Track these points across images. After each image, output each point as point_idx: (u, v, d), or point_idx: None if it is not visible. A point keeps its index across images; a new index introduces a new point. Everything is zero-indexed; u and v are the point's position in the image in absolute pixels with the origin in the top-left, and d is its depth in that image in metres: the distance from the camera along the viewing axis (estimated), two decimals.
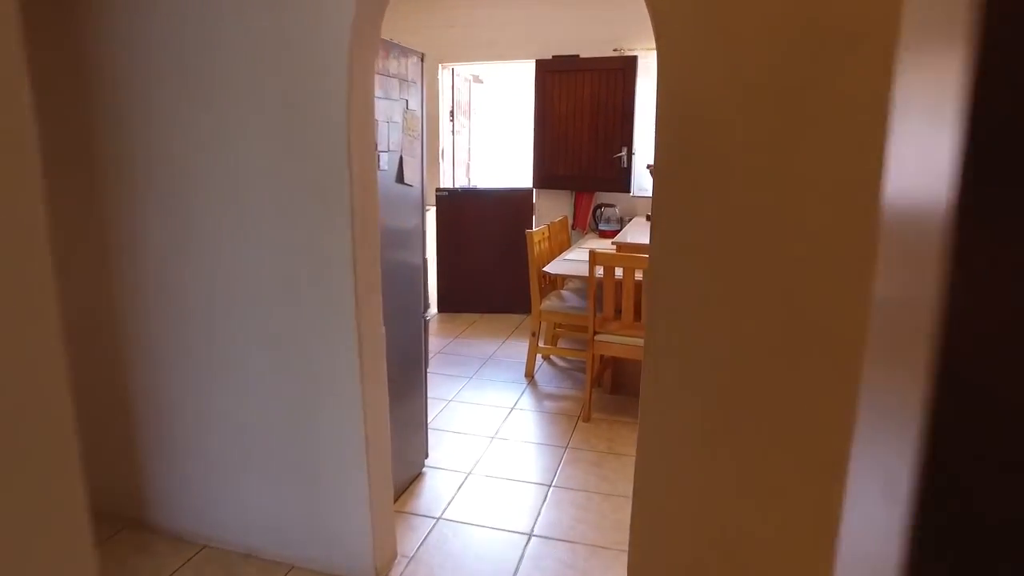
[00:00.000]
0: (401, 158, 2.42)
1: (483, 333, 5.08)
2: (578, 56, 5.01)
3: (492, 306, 5.61)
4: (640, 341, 3.27)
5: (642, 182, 5.19)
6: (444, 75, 5.63)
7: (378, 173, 2.29)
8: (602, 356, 3.65)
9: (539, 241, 4.06)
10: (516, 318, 5.46)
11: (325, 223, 1.84)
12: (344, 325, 1.89)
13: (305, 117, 1.80)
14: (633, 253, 3.27)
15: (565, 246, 4.80)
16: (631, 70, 4.80)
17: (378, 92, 2.22)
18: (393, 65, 2.31)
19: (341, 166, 1.79)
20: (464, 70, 6.02)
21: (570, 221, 5.31)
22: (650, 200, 4.97)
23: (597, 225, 5.08)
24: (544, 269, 3.61)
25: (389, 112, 2.30)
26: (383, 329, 2.07)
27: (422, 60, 2.57)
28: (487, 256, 5.52)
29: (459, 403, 3.72)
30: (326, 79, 1.76)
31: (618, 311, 3.31)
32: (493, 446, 3.22)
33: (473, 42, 5.38)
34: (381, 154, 2.28)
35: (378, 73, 2.19)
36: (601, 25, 4.98)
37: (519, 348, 4.65)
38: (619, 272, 3.23)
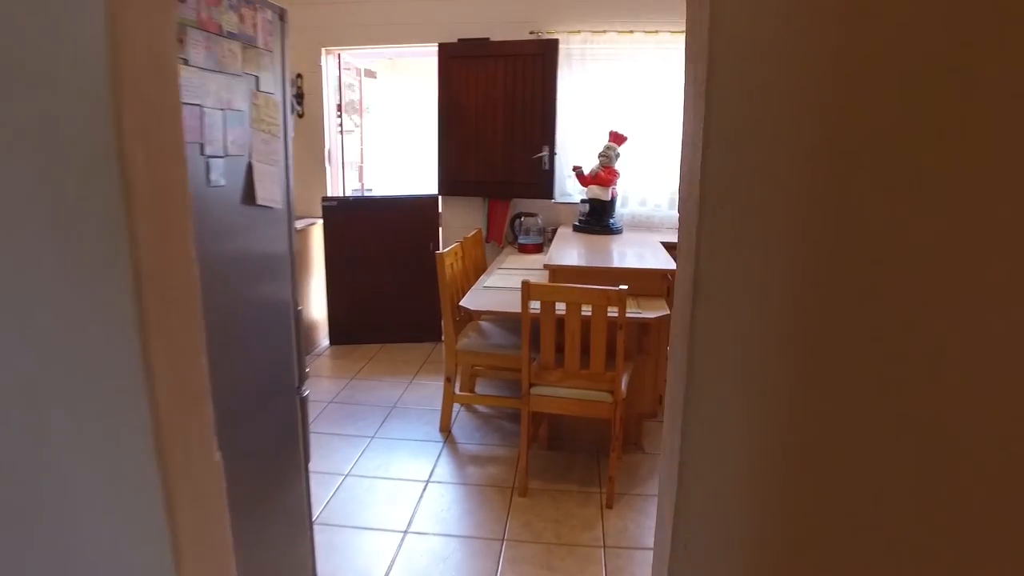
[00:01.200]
0: (250, 165, 1.58)
1: (386, 370, 4.24)
2: (488, 40, 4.26)
3: (395, 334, 4.76)
4: (591, 394, 2.58)
5: (566, 186, 4.53)
6: (329, 63, 4.72)
7: (208, 191, 1.44)
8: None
9: (451, 263, 3.28)
10: (424, 348, 4.64)
11: (82, 301, 0.98)
12: (134, 478, 1.03)
13: (25, 94, 0.93)
14: (576, 285, 2.56)
15: (481, 265, 4.04)
16: (551, 56, 4.11)
17: (200, 59, 1.37)
18: (230, 19, 1.46)
19: (106, 186, 0.94)
20: (354, 59, 5.12)
21: (484, 233, 4.56)
22: (576, 207, 4.29)
23: (516, 238, 4.37)
24: (461, 303, 2.84)
25: (224, 94, 1.45)
26: (218, 456, 1.23)
27: (282, 19, 1.73)
28: (387, 275, 4.67)
29: (358, 478, 2.87)
30: (62, 18, 0.90)
31: (559, 354, 2.60)
32: (406, 547, 2.41)
33: (363, 22, 4.50)
34: (212, 161, 1.43)
35: (195, 25, 1.34)
36: (515, 4, 4.27)
37: (431, 389, 3.85)
38: (560, 306, 2.52)
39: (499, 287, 3.14)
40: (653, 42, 4.17)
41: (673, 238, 3.91)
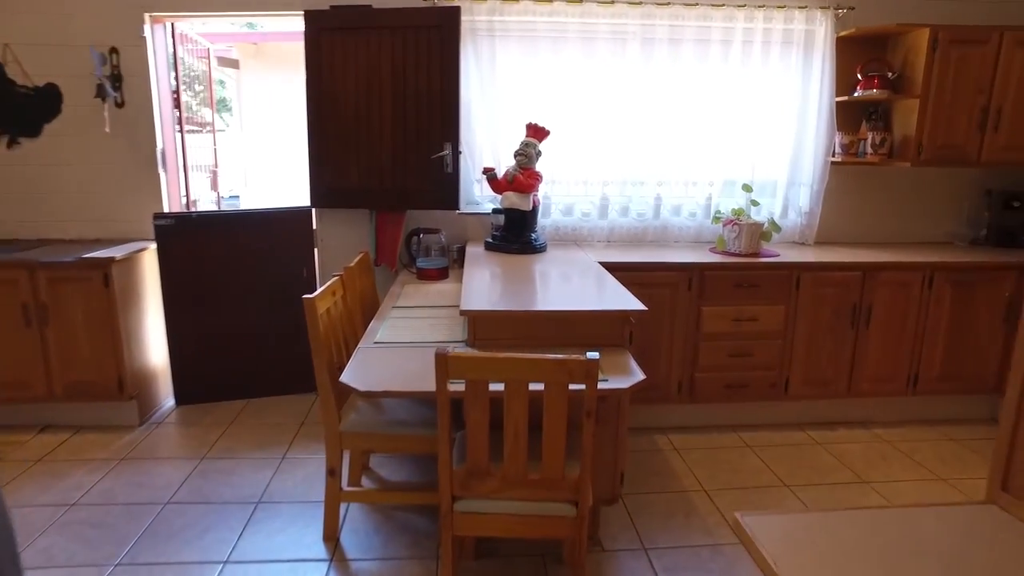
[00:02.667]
0: None
1: (249, 441, 3.21)
2: (370, 7, 3.33)
3: (264, 386, 3.73)
4: (545, 507, 1.76)
5: (474, 193, 3.68)
6: (157, 36, 3.59)
7: None
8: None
9: (326, 310, 2.35)
10: (302, 402, 3.65)
11: None
12: None
13: None
14: (519, 356, 1.73)
15: (371, 301, 3.11)
16: (451, 29, 3.25)
17: None
18: None
19: None
20: (201, 36, 4.00)
21: (372, 256, 3.63)
22: (488, 219, 3.45)
23: (414, 260, 3.47)
24: (342, 379, 1.92)
25: None
26: None
27: None
28: (248, 311, 3.63)
29: None
30: None
31: (496, 452, 1.76)
32: None
33: None
34: None
35: None
36: None
37: (312, 467, 2.89)
38: (497, 381, 1.68)
39: (397, 343, 2.25)
40: (577, 14, 3.41)
41: (609, 256, 3.15)
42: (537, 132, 3.32)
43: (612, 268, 3.09)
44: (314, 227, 3.70)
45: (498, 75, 3.47)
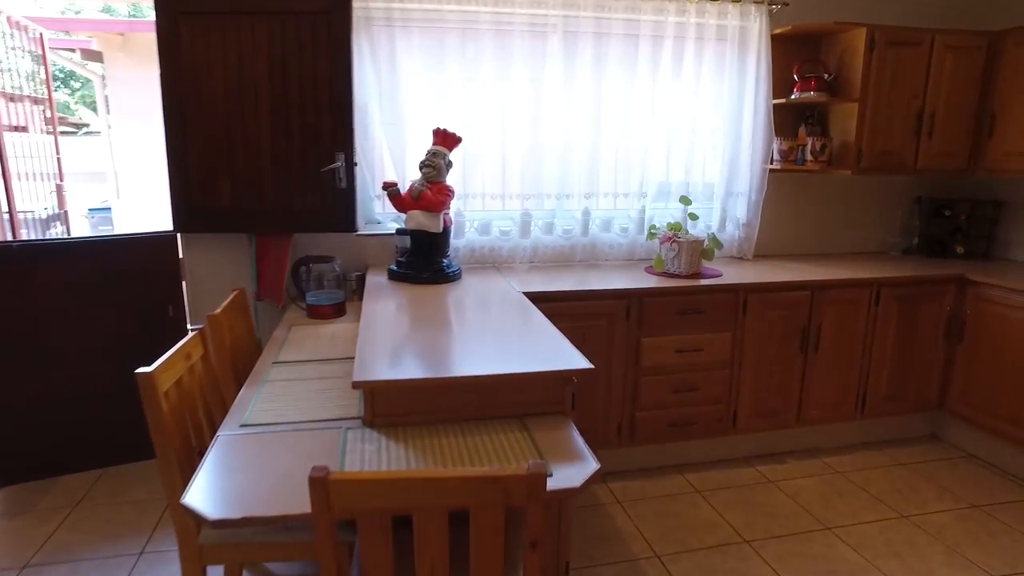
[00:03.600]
0: None
1: (97, 530, 2.54)
2: None
3: (120, 451, 3.05)
4: None
5: (374, 210, 3.14)
6: None
7: None
8: None
9: (176, 382, 1.76)
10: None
11: None
12: None
13: None
14: (432, 475, 1.24)
15: (246, 352, 2.52)
16: (341, 16, 2.69)
17: None
18: None
19: None
20: (36, 22, 3.24)
21: (252, 290, 3.02)
22: (391, 241, 2.88)
23: (303, 294, 2.89)
24: (184, 501, 1.35)
25: None
26: None
27: None
28: (94, 362, 2.94)
29: None
30: None
31: None
32: None
33: None
34: None
35: None
36: None
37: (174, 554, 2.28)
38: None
39: (272, 426, 1.69)
40: (490, 3, 2.93)
41: (535, 282, 2.71)
42: (446, 139, 2.82)
43: (540, 299, 2.64)
44: (179, 255, 3.05)
45: (400, 73, 2.95)
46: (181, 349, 1.81)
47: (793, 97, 3.32)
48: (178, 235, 3.00)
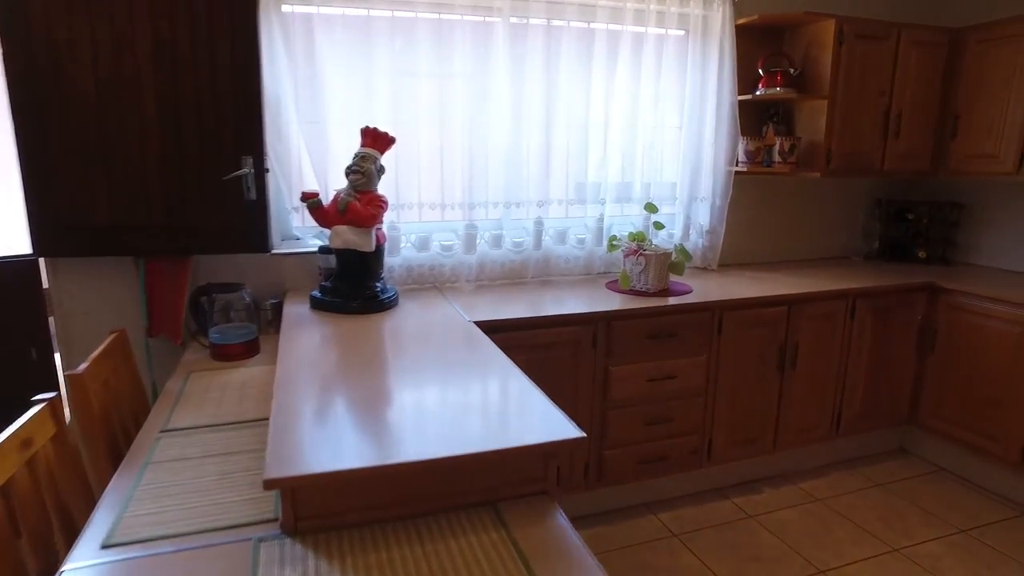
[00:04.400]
0: None
1: None
2: None
3: None
4: None
5: (292, 224, 2.65)
6: None
7: None
8: None
9: (9, 479, 1.26)
10: None
11: None
12: None
13: None
14: None
15: (131, 415, 1.98)
16: None
17: None
18: None
19: None
20: None
21: (143, 325, 2.47)
22: (314, 261, 2.44)
23: (205, 330, 2.36)
24: None
25: None
26: None
27: None
28: None
29: None
30: None
31: None
32: None
33: None
34: None
35: None
36: None
37: None
38: None
39: (148, 544, 1.21)
40: None
41: (485, 306, 2.27)
42: (377, 140, 2.38)
43: (493, 328, 2.24)
44: (44, 285, 2.46)
45: (320, 62, 2.47)
46: (14, 436, 1.30)
47: (758, 93, 3.06)
48: (40, 260, 2.41)
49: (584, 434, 1.32)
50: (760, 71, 3.05)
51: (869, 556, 2.49)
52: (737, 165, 3.12)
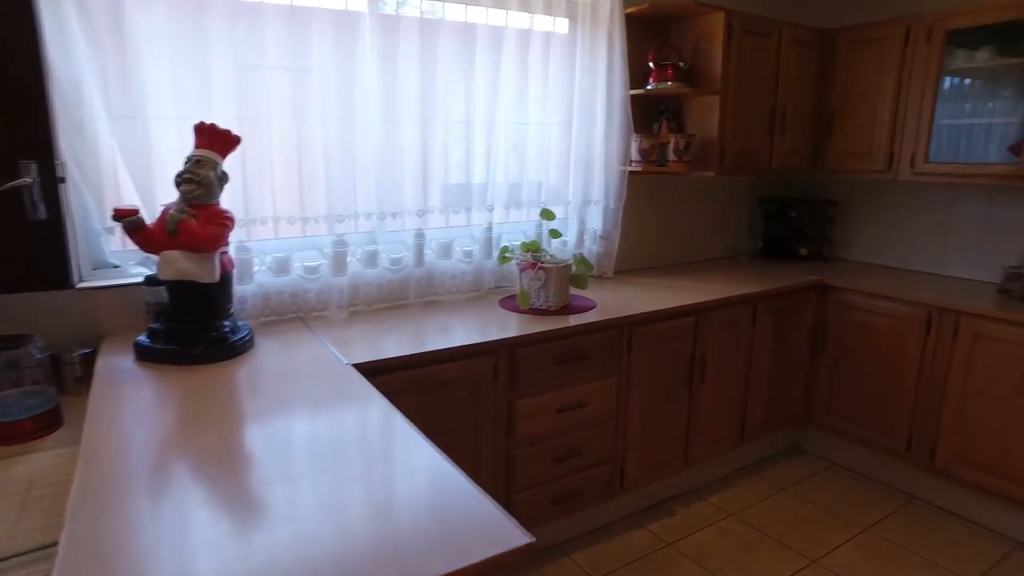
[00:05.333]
0: None
1: None
2: None
3: None
4: None
5: (104, 248, 2.07)
6: None
7: None
8: None
9: None
10: None
11: None
12: None
13: None
14: None
15: None
16: None
17: None
18: None
19: None
20: None
21: None
22: (139, 295, 1.93)
23: None
24: None
25: None
26: None
27: None
28: None
29: None
30: None
31: None
32: None
33: None
34: None
35: None
36: None
37: None
38: None
39: None
40: None
41: (362, 341, 1.92)
42: (216, 140, 1.87)
43: (377, 371, 1.84)
44: None
45: (135, 44, 1.91)
46: None
47: (650, 87, 2.87)
48: None
49: (533, 538, 0.98)
50: (651, 64, 2.85)
51: (792, 574, 2.37)
52: (631, 164, 2.91)
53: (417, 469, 1.20)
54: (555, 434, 2.28)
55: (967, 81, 2.88)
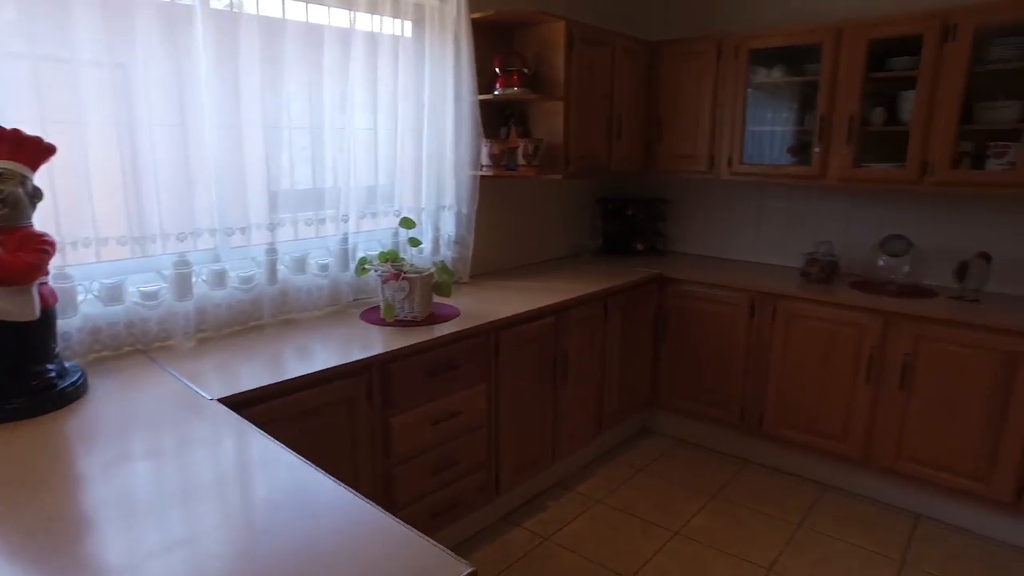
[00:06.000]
0: None
1: None
2: None
3: None
4: None
5: None
6: None
7: None
8: None
9: None
10: None
11: None
12: None
13: None
14: None
15: None
16: None
17: None
18: None
19: None
20: None
21: None
22: None
23: None
24: None
25: None
26: None
27: None
28: None
29: None
30: None
31: None
32: None
33: None
34: None
35: None
36: None
37: None
38: None
39: None
40: None
41: (222, 380, 1.77)
42: (21, 149, 1.59)
43: (244, 402, 1.68)
44: None
45: None
46: None
47: (497, 93, 2.91)
48: None
49: (474, 568, 0.95)
50: (497, 70, 2.90)
51: (660, 547, 2.55)
52: (481, 169, 2.94)
53: (325, 511, 1.11)
54: (432, 446, 2.25)
55: (767, 94, 3.28)
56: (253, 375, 1.80)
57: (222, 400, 1.62)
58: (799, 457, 3.10)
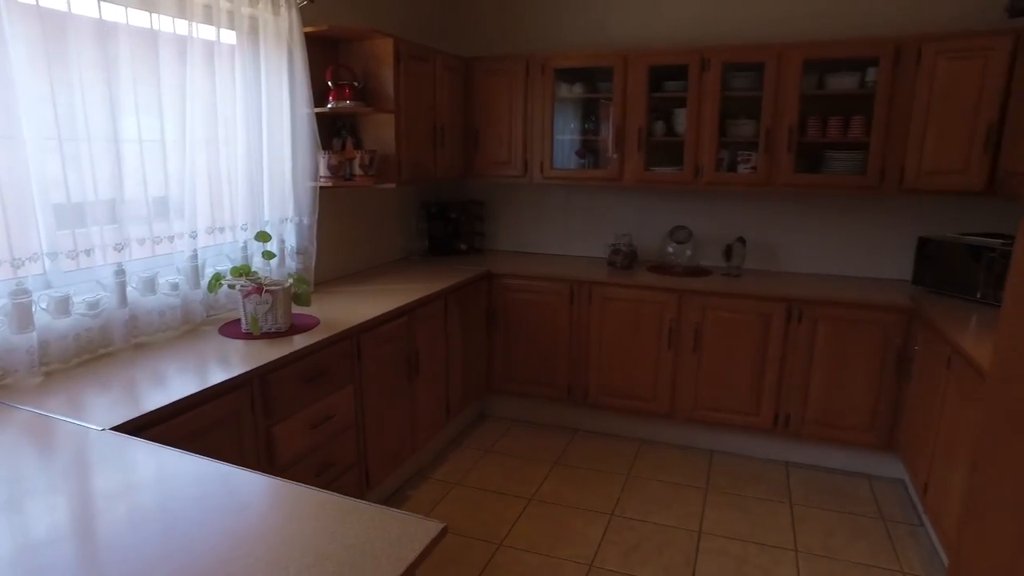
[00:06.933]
0: None
1: None
2: None
3: None
4: None
5: None
6: None
7: None
8: None
9: None
10: None
11: None
12: None
13: None
14: None
15: None
16: None
17: None
18: None
19: None
20: None
21: None
22: None
23: None
24: None
25: None
26: None
27: None
28: None
29: None
30: None
31: None
32: None
33: None
34: None
35: None
36: None
37: None
38: None
39: None
40: None
41: (95, 409, 1.74)
42: None
43: (143, 427, 1.65)
44: None
45: None
46: None
47: (331, 106, 2.99)
48: None
49: (444, 524, 1.14)
50: (329, 83, 2.98)
51: (520, 513, 2.87)
52: (320, 180, 3.00)
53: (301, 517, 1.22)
54: (311, 450, 2.31)
55: (571, 106, 3.76)
56: (124, 402, 1.74)
57: (121, 428, 1.58)
58: (619, 419, 3.63)
